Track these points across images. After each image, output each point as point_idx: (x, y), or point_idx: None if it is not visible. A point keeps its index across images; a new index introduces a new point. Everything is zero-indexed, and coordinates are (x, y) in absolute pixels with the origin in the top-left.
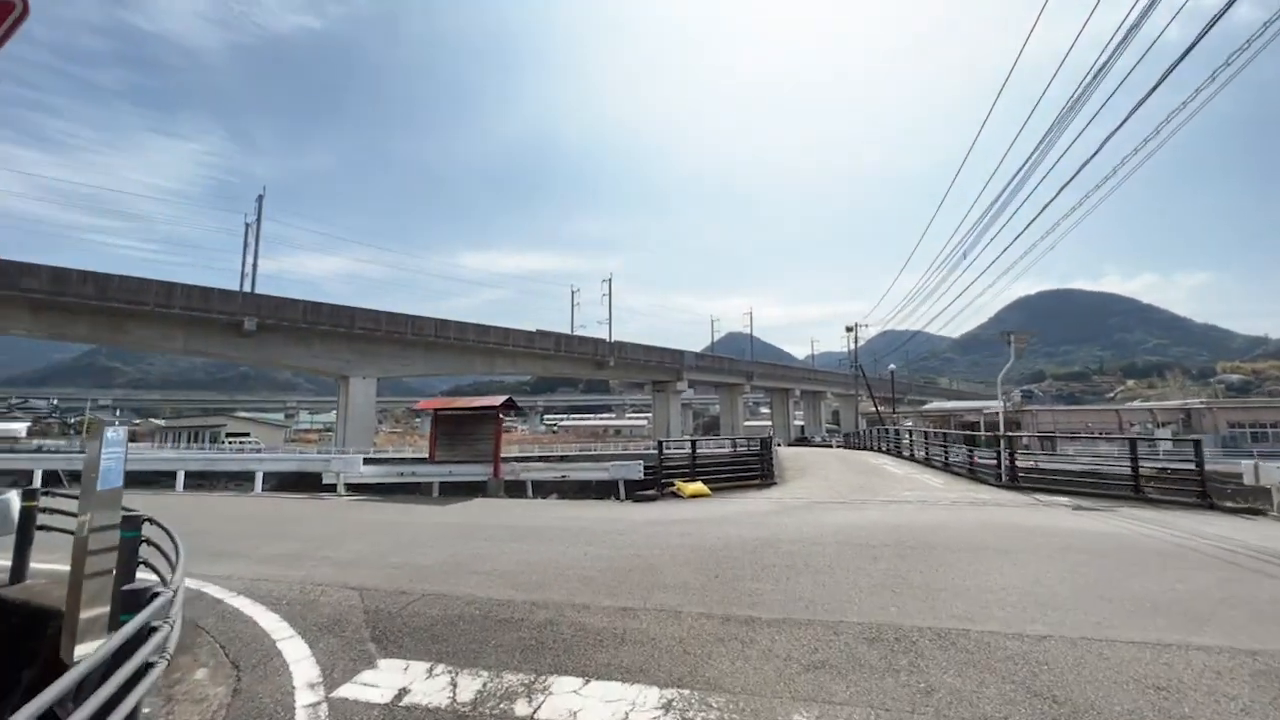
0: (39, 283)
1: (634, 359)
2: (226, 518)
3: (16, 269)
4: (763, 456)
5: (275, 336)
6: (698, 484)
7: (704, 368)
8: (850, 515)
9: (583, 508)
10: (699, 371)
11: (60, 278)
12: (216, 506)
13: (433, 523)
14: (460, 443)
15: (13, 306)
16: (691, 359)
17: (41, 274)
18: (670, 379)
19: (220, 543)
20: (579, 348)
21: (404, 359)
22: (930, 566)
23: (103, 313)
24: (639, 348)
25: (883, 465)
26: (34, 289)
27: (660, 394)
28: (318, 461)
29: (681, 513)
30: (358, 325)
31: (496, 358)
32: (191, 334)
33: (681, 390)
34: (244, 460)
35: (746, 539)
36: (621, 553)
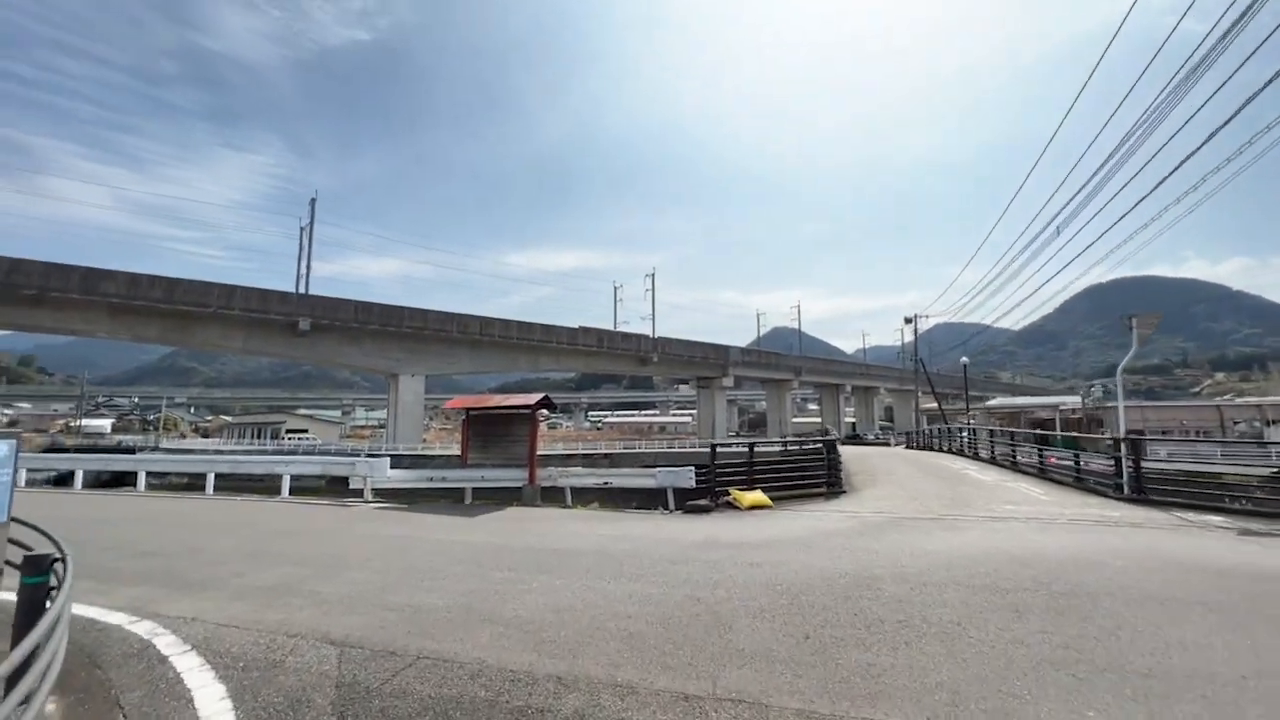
0: (115, 287)
1: (677, 355)
2: (229, 529)
3: (97, 275)
4: (829, 461)
5: (329, 336)
6: (756, 493)
7: (750, 363)
8: (953, 539)
9: (627, 522)
10: (745, 367)
11: (134, 282)
12: (227, 515)
13: (454, 541)
14: (493, 444)
15: (94, 310)
16: (737, 354)
17: (118, 279)
18: (715, 375)
19: (205, 566)
20: (622, 344)
21: (451, 357)
22: (1106, 630)
23: (171, 315)
24: (682, 343)
25: (964, 470)
26: (111, 293)
27: (705, 390)
28: (343, 465)
29: (742, 530)
30: (406, 324)
31: (540, 355)
32: (251, 334)
33: (727, 387)
34: (270, 463)
35: (833, 575)
36: (676, 592)
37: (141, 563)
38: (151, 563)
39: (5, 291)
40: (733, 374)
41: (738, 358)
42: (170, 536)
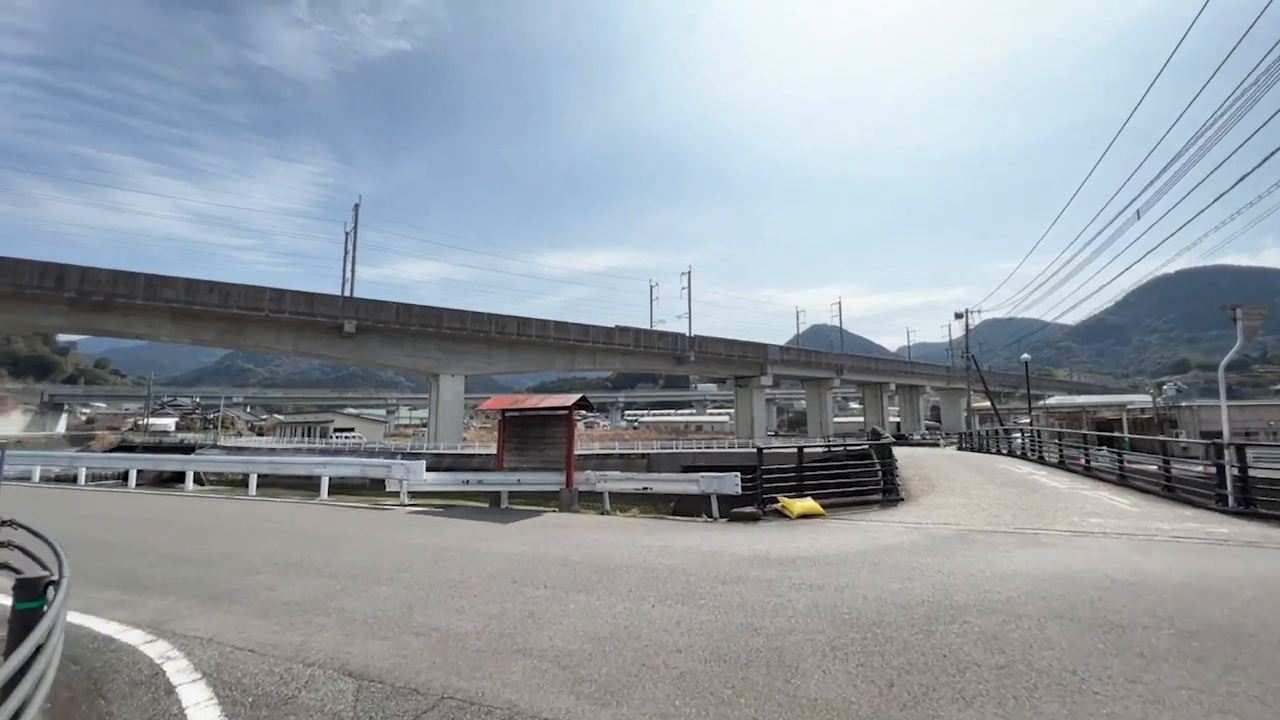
0: (175, 293)
1: (714, 353)
2: (265, 533)
3: (159, 282)
4: (883, 466)
5: (372, 337)
6: (807, 501)
7: (789, 362)
8: (1036, 559)
9: (670, 531)
10: (784, 366)
11: (191, 288)
12: (265, 517)
13: (487, 552)
14: (530, 447)
15: (156, 315)
16: (775, 353)
17: (177, 285)
18: (753, 374)
19: (235, 576)
20: (658, 343)
21: (489, 357)
22: (1269, 687)
23: (226, 319)
24: (719, 342)
25: (1031, 475)
26: (172, 299)
27: (743, 389)
28: (380, 467)
29: (796, 543)
30: (445, 325)
31: (577, 354)
32: (300, 336)
33: (765, 386)
34: (310, 465)
35: (907, 602)
36: (729, 621)
37: (173, 570)
38: (183, 571)
39: (78, 299)
40: (771, 373)
41: (776, 356)
42: (207, 540)
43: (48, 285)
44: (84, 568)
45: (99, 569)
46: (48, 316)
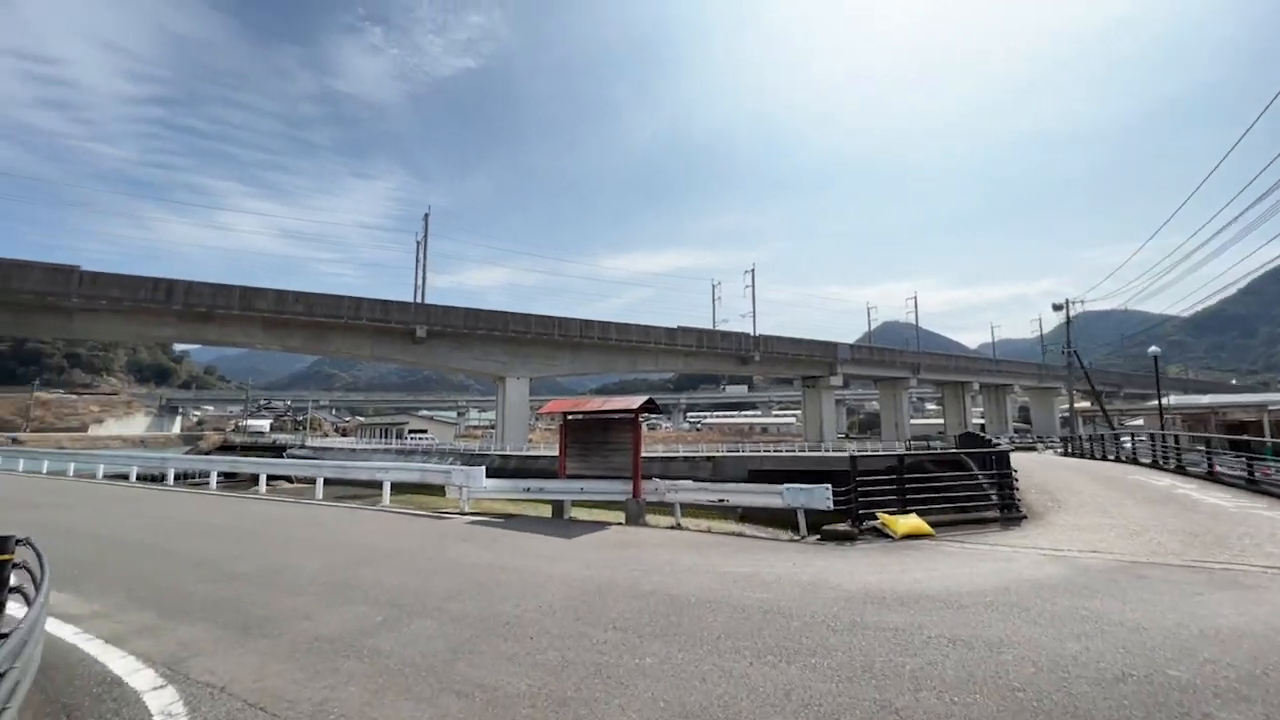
0: (266, 303)
1: (781, 353)
2: (319, 546)
3: (251, 293)
4: (1000, 477)
5: (442, 342)
6: (912, 519)
7: (861, 360)
8: (1251, 606)
9: (754, 553)
10: (855, 365)
11: (280, 298)
12: (323, 526)
13: (548, 576)
14: (593, 453)
15: (250, 324)
16: (846, 352)
17: (268, 296)
18: (822, 374)
19: (275, 597)
20: (721, 343)
21: (552, 359)
22: None
23: (311, 326)
24: (786, 341)
25: (1175, 489)
26: (263, 309)
27: (811, 390)
28: (440, 474)
29: (909, 573)
30: (510, 329)
31: (639, 356)
32: (377, 342)
33: (835, 386)
34: (372, 469)
35: (1098, 672)
36: (856, 695)
37: (217, 589)
38: (226, 590)
39: (184, 311)
40: (842, 372)
41: (847, 355)
42: (263, 551)
43: (159, 299)
44: (137, 582)
45: (149, 584)
46: (160, 327)
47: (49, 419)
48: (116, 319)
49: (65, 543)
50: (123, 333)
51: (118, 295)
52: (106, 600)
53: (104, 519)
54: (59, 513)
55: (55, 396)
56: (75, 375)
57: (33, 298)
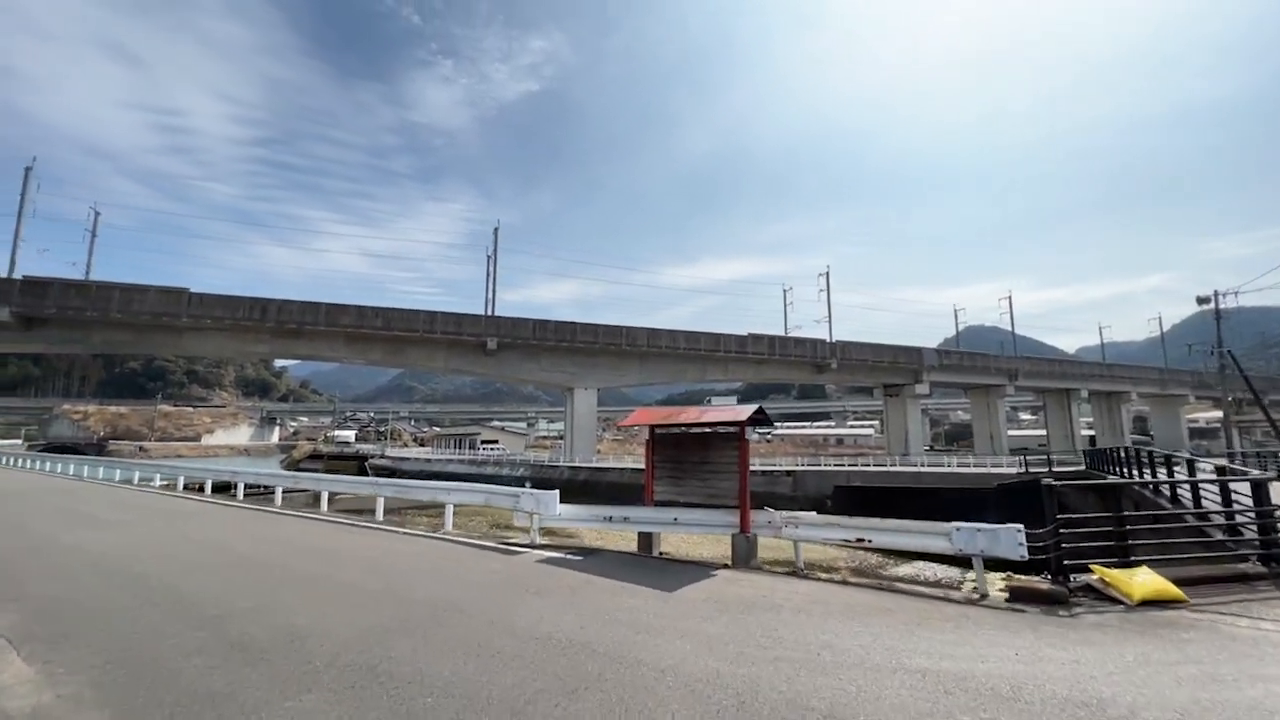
0: (349, 319)
1: (860, 360)
2: (359, 594)
3: (336, 310)
4: (1259, 509)
5: (512, 353)
6: (1147, 575)
7: (950, 367)
8: None
9: (941, 633)
10: (942, 372)
11: (361, 314)
12: (375, 562)
13: (658, 671)
14: (688, 475)
15: (335, 339)
16: (933, 357)
17: (350, 312)
18: (906, 381)
19: (275, 685)
20: (795, 350)
21: (620, 370)
22: None
23: (389, 340)
24: (865, 347)
25: None
26: (346, 324)
27: (893, 399)
28: (507, 498)
29: (1243, 688)
30: (578, 339)
31: (708, 364)
32: (450, 354)
33: (921, 395)
34: (434, 490)
35: None
36: None
37: (208, 669)
38: (220, 674)
39: (276, 328)
40: (928, 380)
41: (934, 361)
42: (288, 603)
43: (255, 317)
44: (121, 653)
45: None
46: (256, 343)
47: (169, 429)
48: (219, 336)
49: (88, 578)
50: (225, 349)
51: (220, 314)
52: (69, 684)
53: (146, 543)
54: (107, 533)
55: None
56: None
57: (150, 318)
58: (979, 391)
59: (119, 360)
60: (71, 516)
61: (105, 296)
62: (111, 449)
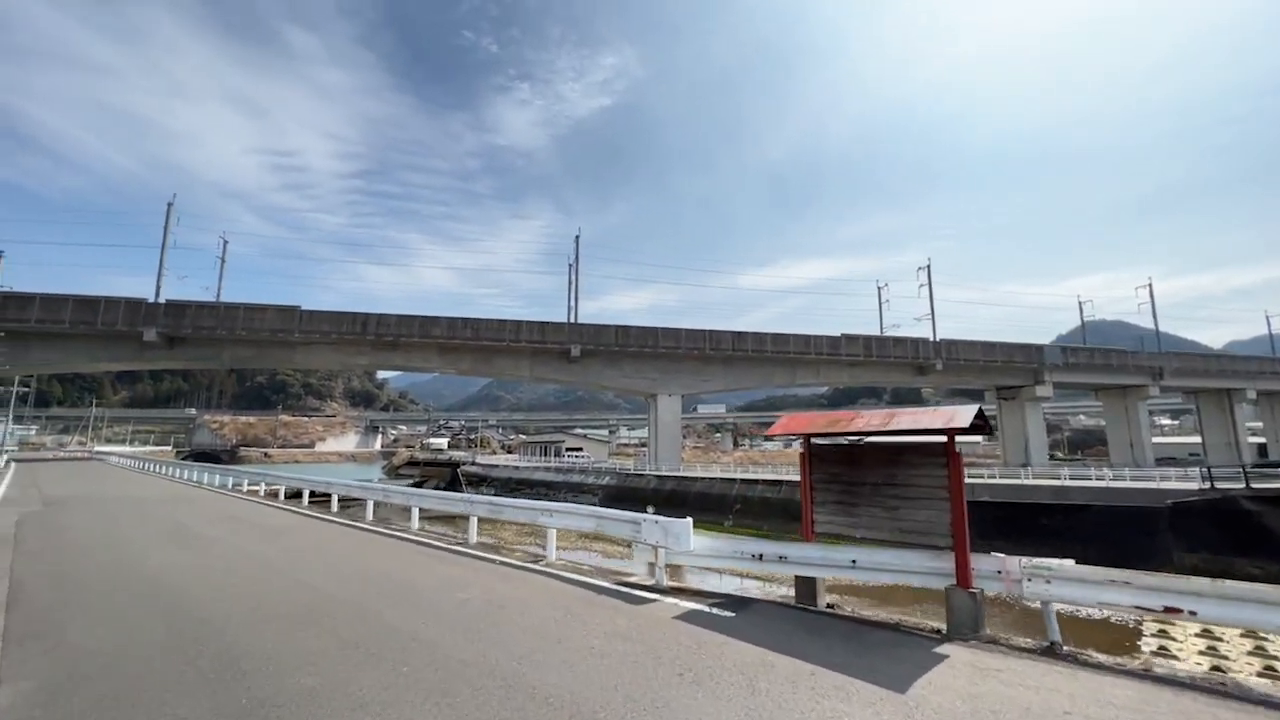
0: (440, 330)
1: (969, 360)
2: (427, 669)
3: (429, 322)
4: None
5: (594, 360)
6: None
7: (1077, 365)
8: None
9: None
10: (1068, 371)
11: (452, 325)
12: (465, 600)
13: None
14: (866, 500)
15: (428, 350)
16: (1056, 355)
17: (441, 324)
18: (1024, 383)
19: None
20: (894, 350)
21: (704, 375)
22: None
23: (477, 350)
24: (975, 345)
25: None
26: (438, 335)
27: (1009, 402)
28: (625, 525)
29: None
30: (661, 345)
31: (798, 368)
32: (535, 362)
33: (1043, 397)
34: (533, 511)
35: None
36: None
37: None
38: None
39: (375, 340)
40: (1050, 380)
41: (1057, 359)
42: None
43: (356, 330)
44: None
45: None
46: (358, 356)
47: (289, 437)
48: (326, 349)
49: (145, 624)
50: (331, 361)
51: (327, 329)
52: None
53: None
54: (194, 554)
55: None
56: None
57: (268, 334)
58: (1113, 393)
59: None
60: (169, 530)
61: (231, 316)
62: (242, 455)
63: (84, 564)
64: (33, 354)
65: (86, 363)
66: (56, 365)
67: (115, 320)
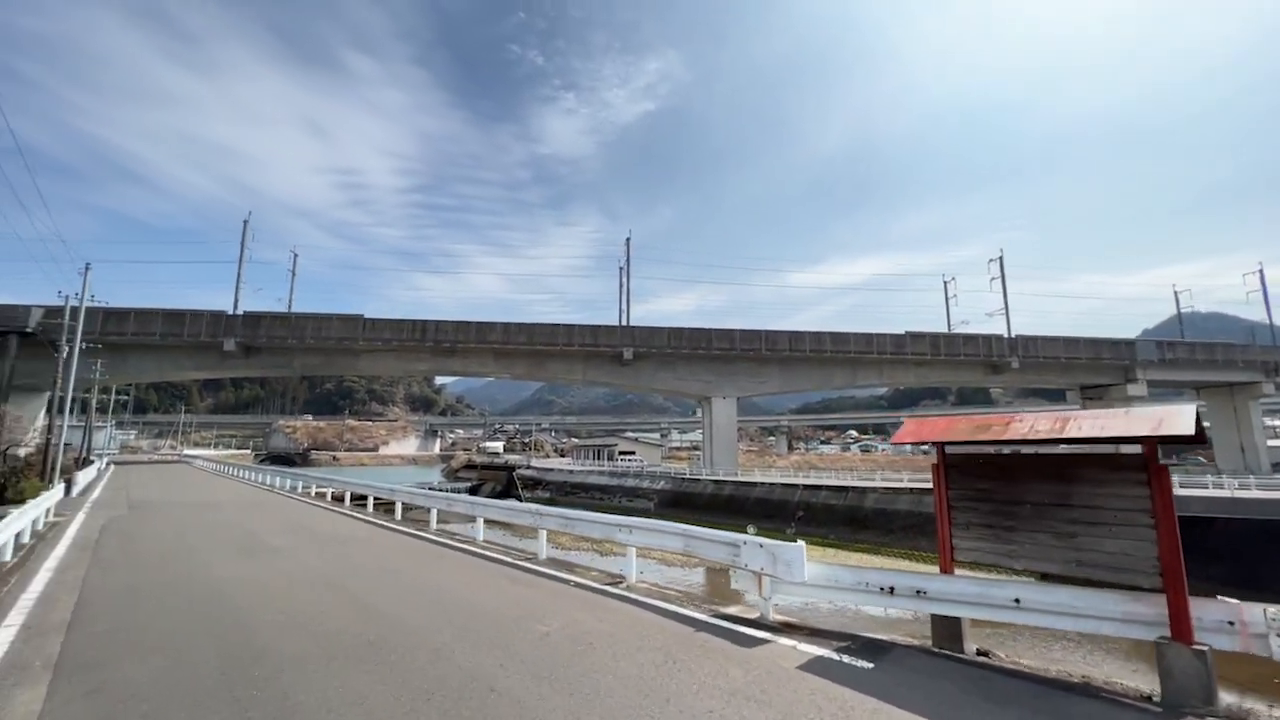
0: (495, 336)
1: (1049, 357)
2: None
3: (485, 328)
4: None
5: (647, 363)
6: None
7: (1175, 362)
8: None
9: None
10: (1164, 368)
11: (506, 330)
12: (540, 634)
13: None
14: (1024, 524)
15: (484, 355)
16: (1150, 350)
17: (496, 329)
18: (1114, 381)
19: None
20: (965, 349)
21: (760, 376)
22: None
23: (532, 354)
24: (1056, 341)
25: None
26: (493, 341)
27: (1095, 403)
28: (717, 546)
29: None
30: (714, 346)
31: (858, 368)
32: (588, 365)
33: (1135, 396)
34: (608, 527)
35: None
36: None
37: None
38: None
39: (434, 346)
40: (1143, 378)
41: (1152, 355)
42: None
43: (416, 337)
44: None
45: None
46: (418, 362)
47: (355, 440)
48: (388, 356)
49: (199, 655)
50: (393, 368)
51: (388, 336)
52: None
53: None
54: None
55: (359, 423)
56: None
57: (334, 342)
58: (1219, 392)
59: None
60: (238, 539)
61: (301, 325)
62: (313, 458)
63: (151, 577)
64: (129, 364)
65: (175, 371)
66: (150, 374)
67: (199, 332)
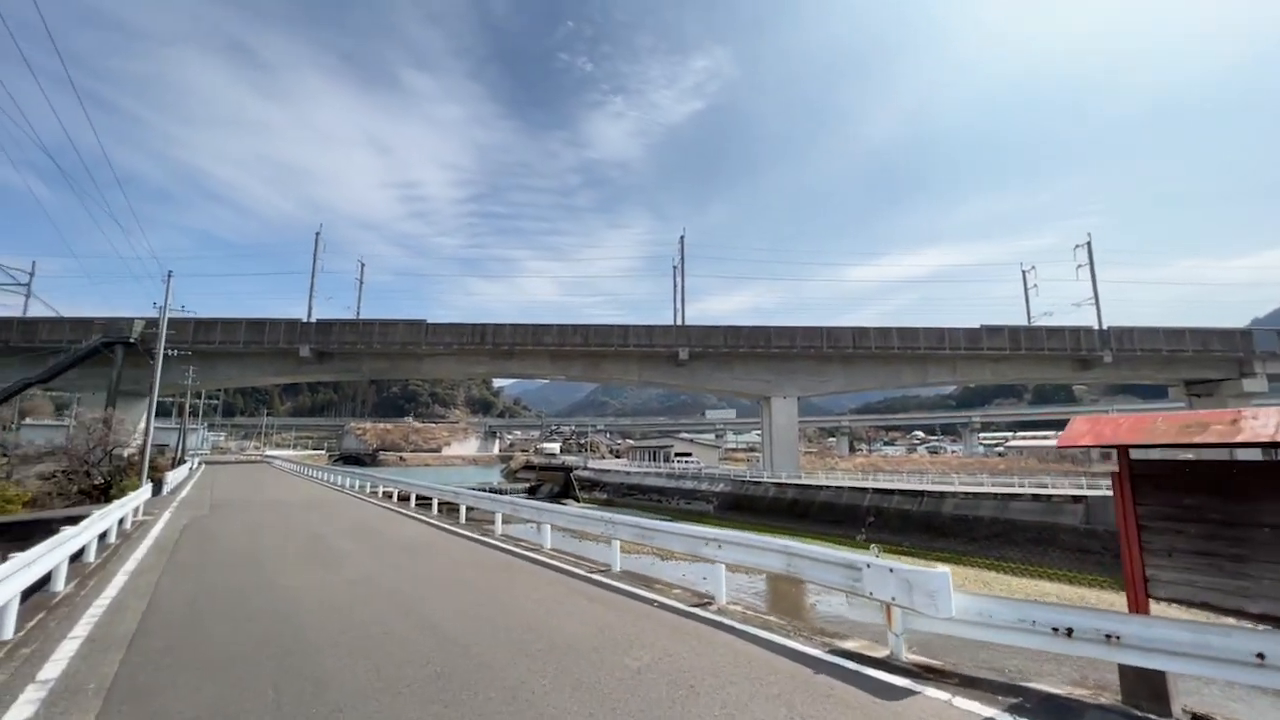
0: (551, 338)
1: (1148, 350)
2: None
3: (541, 330)
4: None
5: (703, 363)
6: None
7: None
8: None
9: None
10: None
11: (562, 332)
12: (615, 681)
13: None
14: (1259, 554)
15: (540, 357)
16: (1271, 341)
17: (553, 331)
18: (1225, 376)
19: None
20: (1048, 342)
21: (821, 375)
22: None
23: (587, 355)
24: (1155, 333)
25: None
26: (549, 342)
27: (1205, 399)
28: (830, 568)
29: None
30: (774, 345)
31: (929, 365)
32: (643, 366)
33: (1254, 391)
34: (692, 540)
35: None
36: None
37: None
38: None
39: (493, 349)
40: (1262, 372)
41: (1273, 346)
42: None
43: (475, 340)
44: None
45: None
46: (477, 364)
47: (419, 442)
48: (449, 359)
49: (257, 686)
50: (454, 371)
51: (449, 340)
52: None
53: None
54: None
55: (423, 425)
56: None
57: (399, 347)
58: None
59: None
60: (306, 544)
61: (368, 331)
62: (381, 458)
63: (220, 584)
64: (218, 370)
65: (256, 376)
66: (235, 379)
67: (278, 339)
